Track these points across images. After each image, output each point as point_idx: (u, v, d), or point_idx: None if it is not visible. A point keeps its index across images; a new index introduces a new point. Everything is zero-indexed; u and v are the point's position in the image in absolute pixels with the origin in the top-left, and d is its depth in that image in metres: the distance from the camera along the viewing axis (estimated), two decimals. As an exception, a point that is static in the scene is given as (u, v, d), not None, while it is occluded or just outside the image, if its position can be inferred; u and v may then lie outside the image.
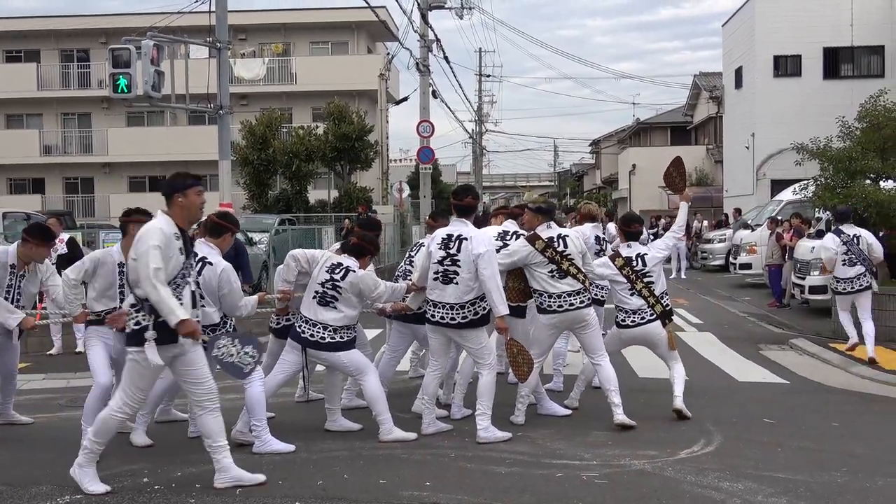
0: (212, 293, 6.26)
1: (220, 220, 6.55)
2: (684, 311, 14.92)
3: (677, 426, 6.92)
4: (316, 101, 35.94)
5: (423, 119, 26.41)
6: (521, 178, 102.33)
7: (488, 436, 6.47)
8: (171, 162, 37.49)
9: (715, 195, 36.21)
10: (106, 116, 38.87)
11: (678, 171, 7.93)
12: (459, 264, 6.51)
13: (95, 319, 6.57)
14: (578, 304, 6.83)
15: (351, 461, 6.01)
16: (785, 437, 6.68)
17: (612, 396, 6.82)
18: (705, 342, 11.65)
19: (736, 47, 32.41)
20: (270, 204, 27.83)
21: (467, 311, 6.54)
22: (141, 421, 6.63)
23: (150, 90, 13.29)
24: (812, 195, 13.99)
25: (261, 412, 6.31)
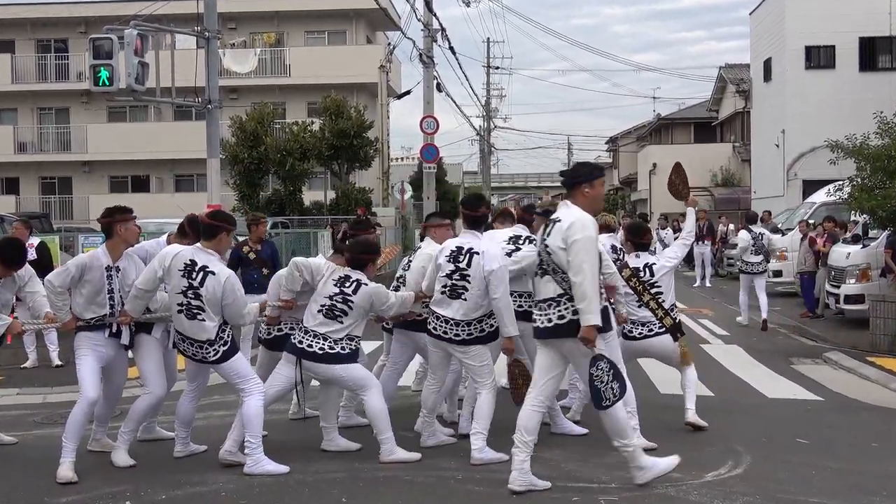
0: (215, 304, 6.28)
1: (213, 219, 6.51)
2: (709, 322, 14.90)
3: (702, 446, 6.90)
4: (311, 95, 36.02)
5: (427, 114, 26.42)
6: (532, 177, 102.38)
7: (483, 457, 6.46)
8: (155, 160, 37.65)
9: (742, 197, 36.17)
10: (85, 111, 38.99)
11: (680, 178, 8.22)
12: (469, 280, 6.56)
13: (85, 326, 6.52)
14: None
15: (349, 484, 6.00)
16: (819, 457, 6.65)
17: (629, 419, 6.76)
18: (732, 355, 11.63)
19: (764, 37, 32.41)
20: (262, 205, 27.84)
21: (473, 329, 6.60)
22: (123, 439, 6.62)
23: (133, 83, 13.30)
24: (847, 197, 13.96)
25: (257, 428, 6.32)
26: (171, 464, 6.61)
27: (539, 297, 5.76)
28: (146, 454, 6.77)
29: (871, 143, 13.78)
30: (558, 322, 5.58)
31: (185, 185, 38.50)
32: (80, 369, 6.49)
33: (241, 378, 6.41)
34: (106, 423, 7.00)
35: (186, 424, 6.82)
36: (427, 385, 7.07)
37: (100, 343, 6.51)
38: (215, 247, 6.41)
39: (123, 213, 6.63)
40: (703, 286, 21.95)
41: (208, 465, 6.51)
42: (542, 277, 5.71)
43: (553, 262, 5.61)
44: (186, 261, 6.29)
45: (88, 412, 6.44)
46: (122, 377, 6.92)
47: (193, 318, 6.29)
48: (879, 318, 11.61)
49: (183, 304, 6.29)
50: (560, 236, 5.53)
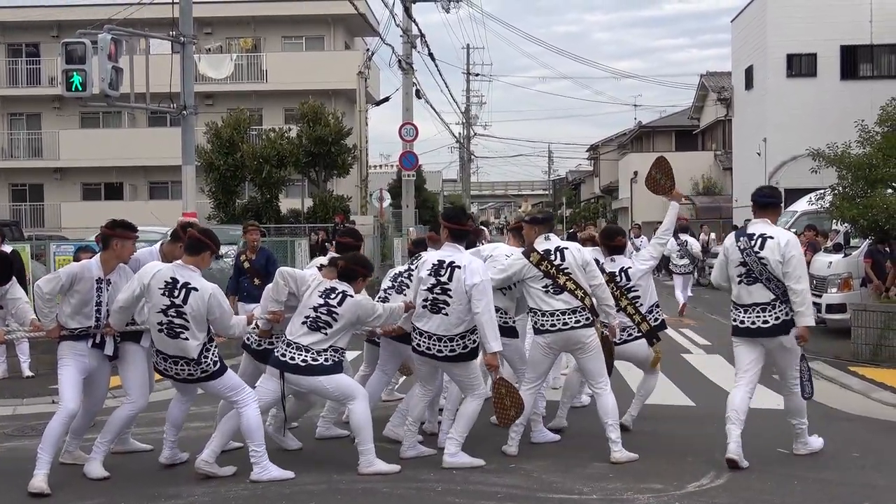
0: (200, 321, 6.26)
1: (202, 235, 6.46)
2: (691, 332, 14.98)
3: (684, 456, 6.94)
4: (288, 102, 35.96)
5: (407, 121, 26.46)
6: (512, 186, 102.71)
7: (454, 461, 6.57)
8: (128, 167, 37.46)
9: (724, 205, 36.41)
10: (57, 117, 38.74)
11: (662, 171, 7.99)
12: (450, 294, 6.56)
13: (69, 335, 6.48)
14: (573, 324, 6.80)
15: (328, 496, 6.00)
16: (801, 467, 6.70)
17: (610, 431, 6.79)
18: (714, 365, 11.69)
19: (746, 45, 32.68)
20: (238, 213, 27.76)
21: (455, 345, 6.60)
22: (99, 450, 6.58)
23: (107, 88, 13.24)
24: (829, 205, 14.09)
25: (259, 437, 6.35)
26: (145, 476, 6.58)
27: (747, 301, 6.69)
28: (119, 466, 6.73)
29: (853, 151, 13.92)
30: (775, 322, 6.58)
31: (160, 193, 38.32)
32: (61, 379, 6.45)
33: (234, 391, 6.42)
34: (81, 435, 6.96)
35: (177, 428, 6.83)
36: (416, 394, 7.04)
37: (83, 353, 6.48)
38: (197, 263, 6.37)
39: (125, 230, 6.62)
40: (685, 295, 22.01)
41: (183, 478, 6.49)
42: (753, 285, 6.63)
43: (767, 271, 6.57)
44: (167, 279, 6.25)
45: (67, 423, 6.40)
46: (104, 390, 6.88)
47: (176, 337, 6.24)
48: (861, 328, 11.69)
49: (163, 323, 6.23)
50: (778, 251, 6.53)
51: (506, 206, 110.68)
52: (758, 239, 6.65)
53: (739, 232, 6.90)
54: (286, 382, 6.54)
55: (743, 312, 6.74)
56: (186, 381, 6.47)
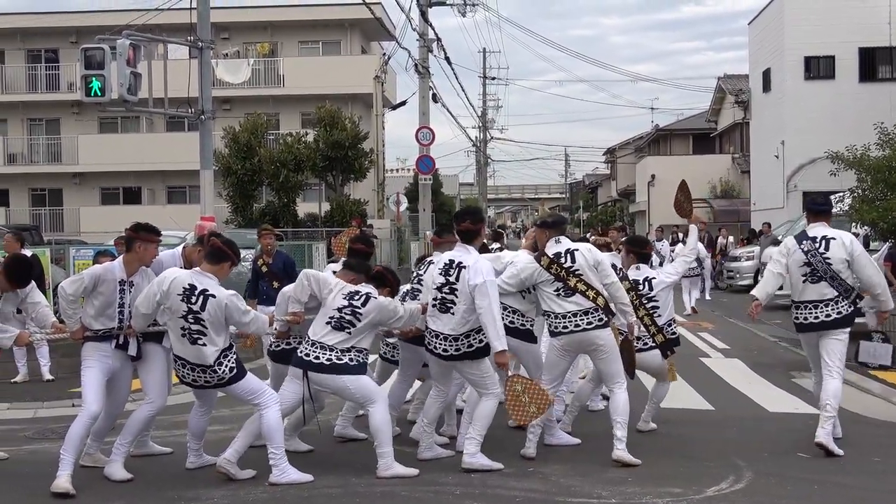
0: (218, 326, 6.31)
1: (224, 245, 6.51)
2: (709, 336, 14.92)
3: (703, 461, 6.91)
4: (305, 106, 36.07)
5: (423, 125, 26.50)
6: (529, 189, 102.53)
7: (474, 461, 6.59)
8: (147, 172, 37.65)
9: (742, 209, 36.25)
10: (76, 122, 39.00)
11: (685, 195, 8.37)
12: (457, 294, 6.64)
13: (93, 336, 6.54)
14: (585, 326, 6.81)
15: (346, 499, 6.01)
16: (821, 472, 6.66)
17: (617, 429, 6.76)
18: (732, 369, 11.64)
19: (763, 47, 32.55)
20: (256, 217, 27.89)
21: (461, 343, 6.65)
22: (119, 452, 6.62)
23: (125, 93, 13.31)
24: (848, 209, 14.01)
25: (279, 439, 6.39)
26: (164, 479, 6.61)
27: (810, 298, 7.23)
28: (138, 469, 6.76)
29: (872, 154, 13.84)
30: (836, 317, 7.16)
31: (178, 197, 38.50)
32: (84, 381, 6.52)
33: (254, 394, 6.45)
34: (102, 438, 6.98)
35: (198, 437, 6.88)
36: (432, 395, 7.11)
37: (106, 354, 6.55)
38: (216, 273, 6.41)
39: (149, 234, 6.65)
40: (703, 299, 21.96)
41: (201, 481, 6.51)
42: (818, 283, 7.20)
43: (832, 270, 7.17)
44: (185, 285, 6.29)
45: (89, 425, 6.45)
46: (125, 392, 6.92)
47: (195, 343, 6.29)
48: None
49: (184, 329, 6.29)
50: (844, 251, 7.15)
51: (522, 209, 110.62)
52: (821, 241, 7.23)
53: (800, 236, 7.37)
54: (309, 382, 6.58)
55: (805, 309, 7.27)
56: (203, 387, 6.52)
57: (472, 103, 52.56)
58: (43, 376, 11.21)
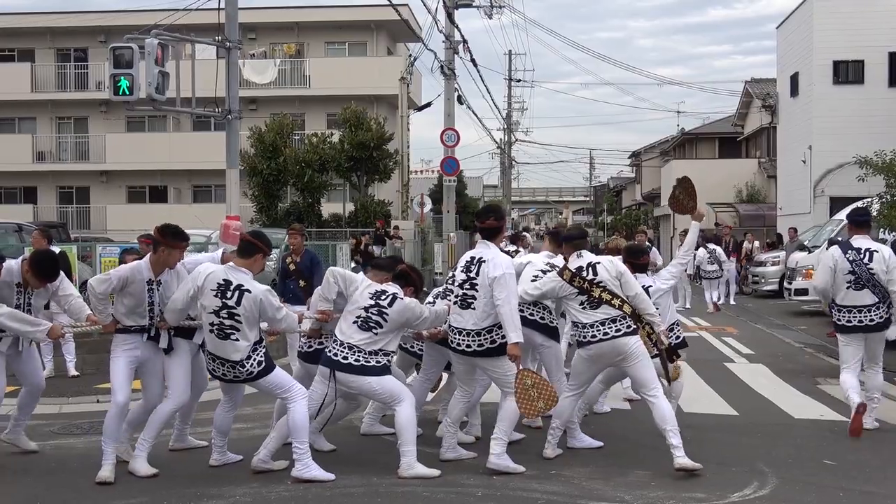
0: (252, 321, 6.39)
1: (255, 238, 6.60)
2: (734, 341, 14.83)
3: (727, 466, 6.87)
4: (331, 107, 36.19)
5: (448, 127, 26.49)
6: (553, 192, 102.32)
7: (500, 463, 6.60)
8: (173, 171, 37.89)
9: (767, 213, 36.00)
10: (104, 121, 39.32)
11: (686, 192, 8.10)
12: (477, 288, 6.69)
13: (123, 328, 6.68)
14: (614, 333, 6.78)
15: (367, 499, 6.02)
16: (847, 480, 6.60)
17: (670, 437, 6.64)
18: (758, 375, 11.56)
19: (791, 51, 32.31)
20: (280, 217, 27.98)
21: (483, 339, 6.68)
22: (142, 448, 6.67)
23: (153, 92, 13.39)
24: (876, 214, 13.89)
25: (304, 434, 6.43)
26: (186, 476, 6.64)
27: (857, 303, 7.98)
28: (163, 465, 6.80)
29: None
30: (879, 321, 7.98)
31: (203, 196, 38.74)
32: (113, 373, 6.68)
33: (283, 388, 6.53)
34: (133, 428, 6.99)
35: (224, 433, 6.93)
36: (455, 395, 7.14)
37: (135, 345, 6.67)
38: (249, 266, 6.48)
39: (175, 240, 6.71)
40: (728, 304, 21.85)
41: (224, 478, 6.54)
42: (861, 290, 7.95)
43: (874, 279, 7.94)
44: (220, 280, 6.37)
45: (120, 415, 6.59)
46: (159, 382, 6.95)
47: (226, 339, 6.37)
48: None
49: (215, 324, 6.36)
50: (884, 263, 7.94)
51: (546, 212, 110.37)
52: (865, 252, 8.01)
53: (845, 246, 8.11)
54: (336, 382, 6.60)
55: (848, 313, 8.03)
56: (232, 381, 6.60)
57: (498, 105, 52.65)
58: (68, 372, 11.31)
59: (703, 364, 12.05)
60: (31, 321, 6.83)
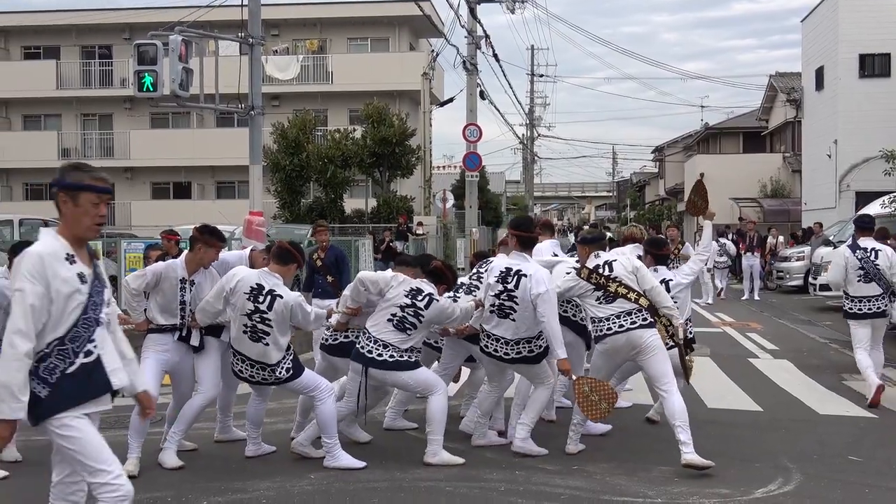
0: (284, 326, 6.50)
1: (292, 247, 6.72)
2: (758, 336, 14.74)
3: (751, 462, 6.84)
4: (353, 103, 36.26)
5: (470, 122, 26.49)
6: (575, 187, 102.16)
7: (524, 446, 6.87)
8: (196, 167, 38.11)
9: (792, 208, 35.78)
10: (128, 118, 39.59)
11: (699, 194, 8.45)
12: (517, 301, 6.80)
13: (156, 328, 6.77)
14: (629, 326, 6.77)
15: (390, 493, 6.04)
16: (873, 476, 6.55)
17: (679, 433, 6.61)
18: (782, 370, 11.49)
19: (816, 45, 32.07)
20: (303, 213, 28.07)
21: (521, 348, 6.86)
22: (173, 440, 6.77)
23: (177, 89, 13.46)
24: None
25: (332, 429, 6.58)
26: (212, 469, 6.69)
27: (865, 294, 9.31)
28: (189, 458, 6.86)
29: (928, 153, 13.57)
30: (884, 308, 9.35)
31: (227, 192, 38.92)
32: (141, 370, 6.64)
33: (311, 387, 6.65)
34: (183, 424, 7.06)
35: (257, 425, 7.06)
36: (485, 390, 7.32)
37: (167, 347, 6.75)
38: (282, 273, 6.60)
39: (212, 238, 6.79)
40: (752, 299, 21.73)
41: (248, 472, 6.59)
42: (869, 283, 9.29)
43: (879, 274, 9.29)
44: (253, 285, 6.47)
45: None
46: (190, 383, 7.05)
47: (258, 342, 6.47)
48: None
49: (248, 327, 6.47)
50: (887, 260, 9.33)
51: (569, 207, 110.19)
52: (872, 251, 9.39)
53: (853, 247, 9.49)
54: (369, 378, 6.72)
55: (859, 303, 9.38)
56: (259, 384, 6.72)
57: (520, 100, 52.72)
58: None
59: (727, 360, 12.00)
60: None
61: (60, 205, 3.95)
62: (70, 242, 3.95)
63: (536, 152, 62.75)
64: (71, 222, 3.95)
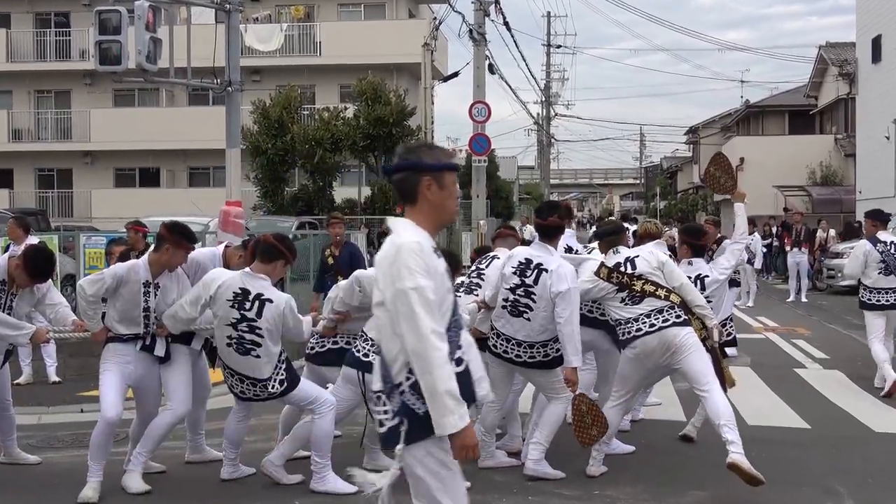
0: (276, 334, 6.43)
1: (278, 242, 6.61)
2: (806, 344, 14.74)
3: (798, 485, 6.85)
4: (344, 77, 36.26)
5: (478, 100, 26.48)
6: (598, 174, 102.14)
7: (538, 469, 6.81)
8: (166, 151, 38.14)
9: (845, 198, 35.72)
10: (88, 95, 39.62)
11: (721, 168, 8.29)
12: (534, 298, 6.76)
13: (116, 337, 6.71)
14: (661, 324, 6.77)
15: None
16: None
17: (726, 432, 6.53)
18: (832, 382, 11.49)
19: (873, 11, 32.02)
20: (287, 203, 28.11)
21: (536, 351, 6.81)
22: (137, 462, 6.73)
23: (144, 62, 13.42)
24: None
25: (326, 448, 6.54)
26: (183, 494, 6.70)
27: (883, 286, 10.48)
28: (157, 482, 6.85)
29: None
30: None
31: (200, 179, 38.98)
32: (101, 385, 6.71)
33: (309, 400, 6.62)
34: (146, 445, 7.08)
35: (236, 444, 7.00)
36: (487, 404, 7.10)
37: (129, 358, 6.70)
38: (269, 273, 6.51)
39: (182, 240, 6.71)
40: (799, 301, 21.70)
41: (226, 497, 6.61)
42: (889, 276, 10.44)
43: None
44: (236, 290, 6.39)
45: (109, 432, 6.62)
46: (156, 399, 7.04)
47: (247, 354, 6.41)
48: None
49: (233, 338, 6.40)
50: None
51: (590, 196, 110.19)
52: (891, 244, 10.54)
53: (873, 240, 10.60)
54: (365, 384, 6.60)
55: (878, 293, 10.54)
56: (251, 400, 6.70)
57: (534, 75, 52.49)
58: (49, 378, 11.38)
59: (771, 370, 12.00)
60: (13, 324, 6.87)
61: (423, 191, 3.82)
62: (430, 233, 3.85)
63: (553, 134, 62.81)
64: (437, 209, 3.85)
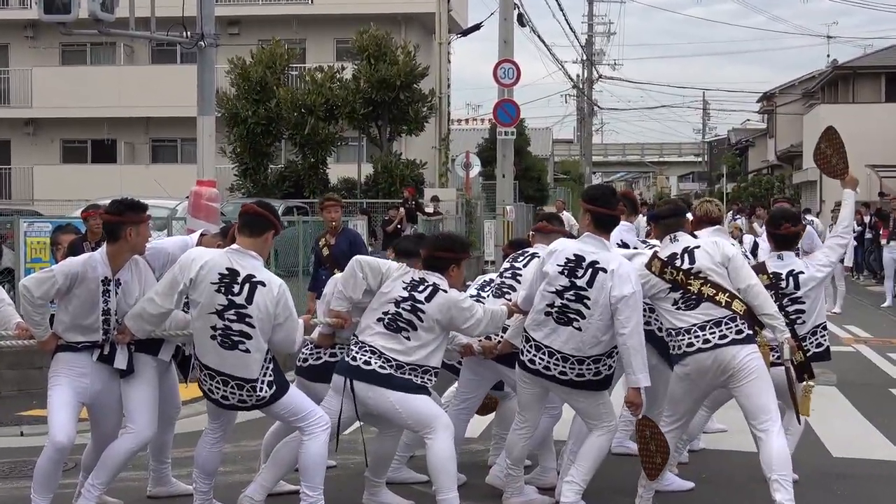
0: (267, 325, 6.38)
1: (264, 209, 6.57)
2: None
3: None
4: (342, 31, 36.27)
5: (504, 58, 26.45)
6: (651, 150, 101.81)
7: None
8: (124, 119, 38.17)
9: (956, 181, 35.62)
10: (30, 51, 39.66)
11: (833, 147, 8.25)
12: (588, 304, 6.68)
13: (68, 346, 6.62)
14: (718, 340, 6.73)
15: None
16: None
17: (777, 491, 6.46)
18: (936, 405, 11.49)
19: None
20: (272, 183, 28.17)
21: (586, 369, 6.73)
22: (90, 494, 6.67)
23: (98, 10, 13.43)
24: None
25: (318, 476, 6.50)
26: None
27: None
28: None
29: None
30: None
31: (166, 154, 39.06)
32: (50, 404, 6.60)
33: (299, 415, 6.54)
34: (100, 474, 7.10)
35: (209, 474, 6.93)
36: (514, 429, 7.15)
37: (84, 371, 6.61)
38: (258, 248, 6.48)
39: (137, 213, 6.65)
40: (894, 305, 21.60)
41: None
42: None
43: None
44: (222, 270, 6.33)
45: (57, 460, 6.57)
46: (115, 419, 6.96)
47: (233, 348, 6.34)
48: None
49: (218, 329, 6.33)
50: None
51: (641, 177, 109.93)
52: None
53: None
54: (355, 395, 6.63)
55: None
56: (236, 407, 6.62)
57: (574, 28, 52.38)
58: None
59: (861, 390, 11.97)
60: None
61: None
62: None
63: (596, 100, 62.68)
64: None
